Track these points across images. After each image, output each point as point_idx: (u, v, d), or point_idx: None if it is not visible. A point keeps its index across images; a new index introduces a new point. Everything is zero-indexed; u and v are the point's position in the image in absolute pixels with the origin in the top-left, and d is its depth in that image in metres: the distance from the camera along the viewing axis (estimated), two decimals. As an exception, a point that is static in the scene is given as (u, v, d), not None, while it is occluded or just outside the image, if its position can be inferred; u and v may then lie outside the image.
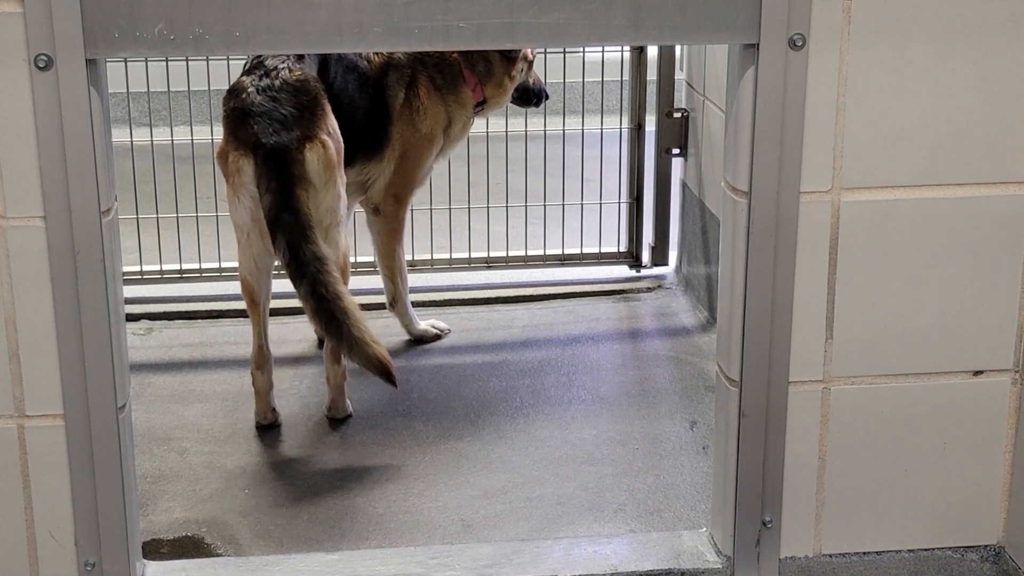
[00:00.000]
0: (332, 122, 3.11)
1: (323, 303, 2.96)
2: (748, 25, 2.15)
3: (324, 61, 3.31)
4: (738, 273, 2.29)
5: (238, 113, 3.04)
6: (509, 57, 3.67)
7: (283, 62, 3.10)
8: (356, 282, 3.91)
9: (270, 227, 2.97)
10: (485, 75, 3.67)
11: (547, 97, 3.89)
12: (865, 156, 2.24)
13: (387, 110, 3.51)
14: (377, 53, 3.49)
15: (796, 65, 2.18)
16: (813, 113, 2.21)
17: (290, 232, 2.94)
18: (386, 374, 3.03)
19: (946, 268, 2.32)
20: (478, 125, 4.07)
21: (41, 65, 2.05)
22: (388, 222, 3.65)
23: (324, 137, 3.03)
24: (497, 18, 2.11)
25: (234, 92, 3.10)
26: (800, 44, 2.16)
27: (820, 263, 2.29)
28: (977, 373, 2.39)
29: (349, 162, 3.38)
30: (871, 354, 2.35)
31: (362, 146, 3.47)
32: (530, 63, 3.79)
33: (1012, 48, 2.22)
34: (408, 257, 3.87)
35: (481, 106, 3.71)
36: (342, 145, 3.13)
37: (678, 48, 4.09)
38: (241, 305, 3.95)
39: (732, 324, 2.32)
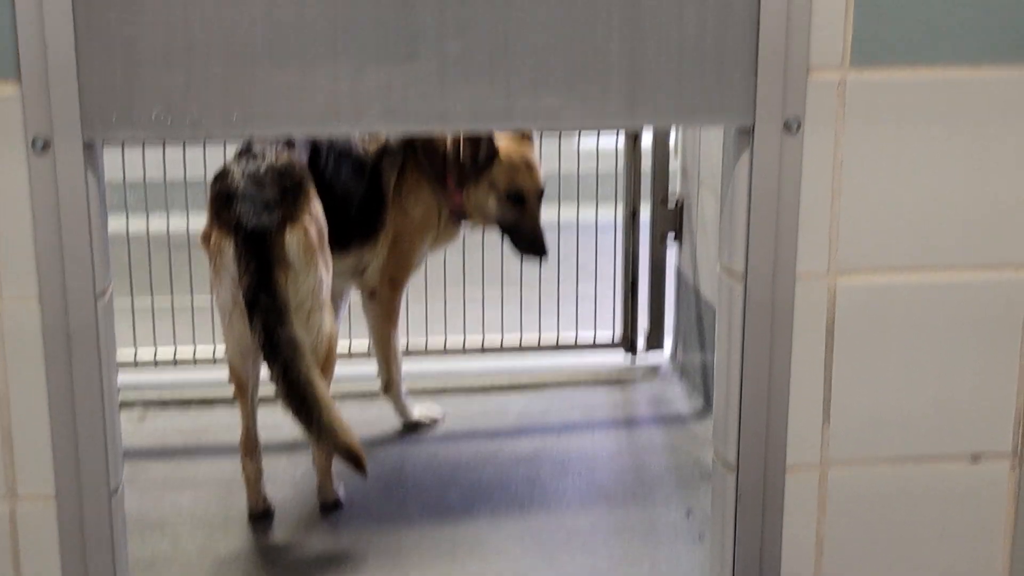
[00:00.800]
0: (316, 207, 3.12)
1: (294, 388, 2.95)
2: (743, 108, 2.17)
3: (316, 147, 3.33)
4: (734, 356, 2.28)
5: (223, 196, 3.07)
6: (476, 160, 3.54)
7: (270, 147, 3.13)
8: (351, 368, 3.91)
9: (248, 309, 2.97)
10: (460, 179, 3.58)
11: (545, 253, 3.66)
12: (861, 239, 2.25)
13: (382, 195, 3.53)
14: (373, 139, 3.52)
15: (791, 148, 2.19)
16: (809, 196, 2.22)
17: (267, 314, 2.94)
18: (356, 462, 3.00)
19: (943, 352, 2.31)
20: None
21: (38, 148, 2.06)
22: (383, 306, 3.65)
23: (305, 221, 3.05)
24: (494, 101, 2.13)
25: (220, 176, 3.13)
26: (795, 127, 2.18)
27: (817, 346, 2.28)
28: (975, 458, 2.38)
29: (345, 247, 3.39)
30: (868, 438, 2.33)
31: (358, 231, 3.49)
32: (522, 196, 3.59)
33: (1008, 132, 2.24)
34: (403, 344, 3.86)
35: (461, 214, 3.64)
36: (325, 230, 3.14)
37: (672, 136, 4.12)
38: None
39: (728, 407, 2.31)
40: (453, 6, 2.09)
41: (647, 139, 4.17)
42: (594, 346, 4.24)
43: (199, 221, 4.10)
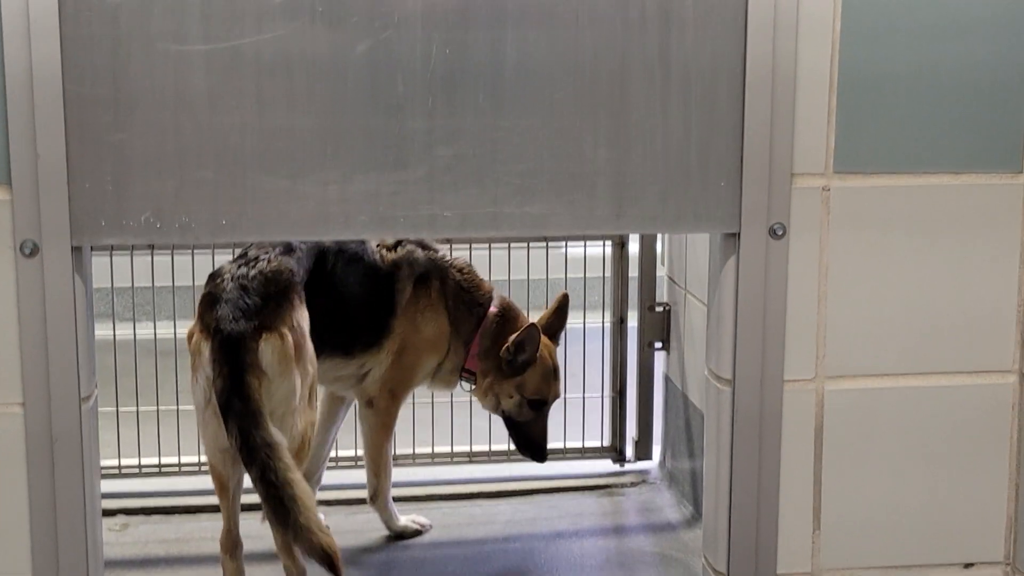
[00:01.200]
0: (299, 315, 3.12)
1: (271, 489, 2.93)
2: (729, 215, 2.19)
3: (323, 251, 3.34)
4: (723, 462, 2.27)
5: (209, 297, 3.08)
6: (514, 362, 3.49)
7: (266, 252, 3.14)
8: (338, 476, 3.87)
9: (222, 411, 2.97)
10: (486, 355, 3.57)
11: (544, 459, 3.62)
12: (848, 344, 2.25)
13: (392, 303, 3.52)
14: (390, 250, 3.50)
15: (777, 254, 2.20)
16: (795, 301, 2.22)
17: (241, 418, 2.93)
18: (330, 565, 2.97)
19: (933, 457, 2.31)
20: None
21: (27, 252, 2.06)
22: (380, 416, 3.63)
23: (283, 329, 3.05)
24: (481, 208, 2.14)
25: (212, 277, 3.14)
26: (780, 233, 2.19)
27: (806, 452, 2.27)
28: (968, 566, 2.36)
29: (348, 352, 3.39)
30: (859, 545, 2.32)
31: (362, 338, 3.48)
32: (544, 404, 3.53)
33: (989, 239, 2.26)
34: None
35: (468, 378, 3.61)
36: (306, 339, 3.13)
37: (659, 244, 4.14)
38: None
39: (718, 514, 2.29)
40: (442, 114, 2.11)
41: (634, 246, 4.18)
42: (582, 453, 4.21)
43: (186, 328, 4.11)
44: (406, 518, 3.77)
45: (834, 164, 2.20)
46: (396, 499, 3.79)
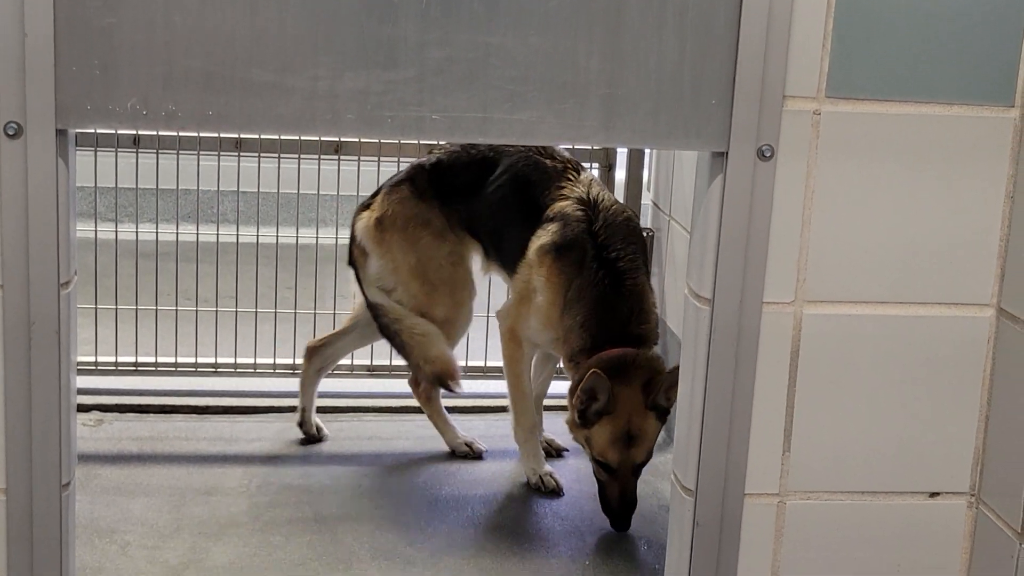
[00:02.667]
0: (404, 205, 3.61)
1: (387, 334, 3.63)
2: (718, 133, 2.18)
3: (494, 163, 3.62)
4: (698, 381, 2.28)
5: None
6: (584, 414, 3.28)
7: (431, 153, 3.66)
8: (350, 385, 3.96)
9: None
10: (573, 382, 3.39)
11: (623, 529, 3.32)
12: (829, 269, 2.26)
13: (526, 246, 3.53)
14: (562, 199, 3.47)
15: (764, 175, 2.20)
16: (779, 224, 2.22)
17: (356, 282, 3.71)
18: (443, 384, 3.60)
19: (906, 387, 2.32)
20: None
21: (10, 133, 2.04)
22: (505, 350, 3.60)
23: (373, 211, 3.62)
24: (470, 112, 2.13)
25: None
26: (769, 155, 2.19)
27: (780, 375, 2.29)
28: (933, 495, 2.38)
29: (508, 273, 3.59)
30: (828, 469, 2.33)
31: (507, 264, 3.61)
32: (611, 468, 3.30)
33: (978, 173, 2.26)
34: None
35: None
36: (398, 227, 3.59)
37: (646, 170, 4.14)
38: (194, 401, 3.92)
39: (690, 432, 2.30)
40: (436, 17, 2.09)
41: (621, 172, 4.18)
42: (559, 374, 4.22)
43: (169, 229, 4.10)
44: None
45: (827, 88, 2.19)
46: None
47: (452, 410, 3.83)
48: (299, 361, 3.83)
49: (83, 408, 3.82)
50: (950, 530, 2.39)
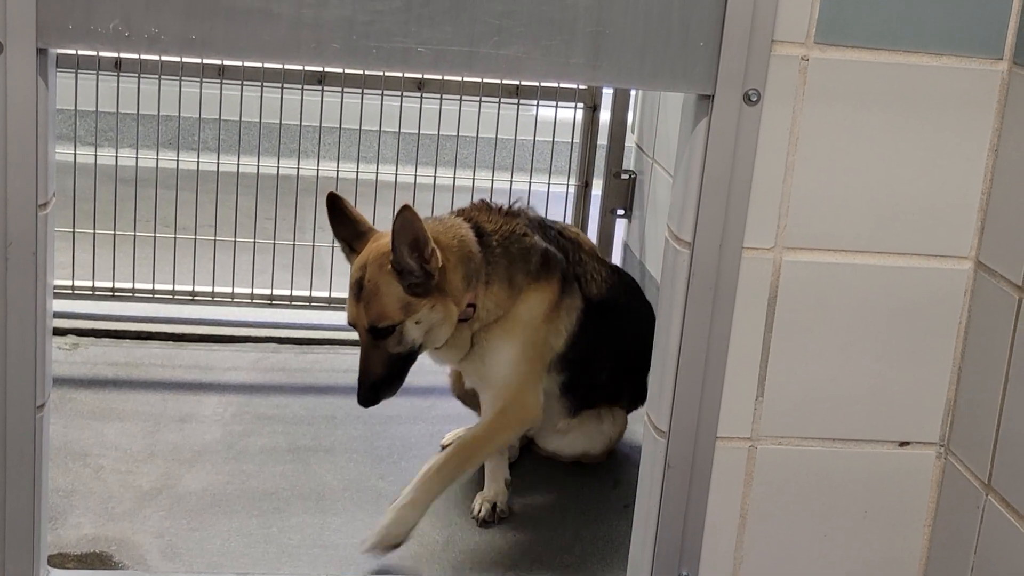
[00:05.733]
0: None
1: None
2: (705, 76, 2.17)
3: None
4: (674, 323, 2.28)
5: None
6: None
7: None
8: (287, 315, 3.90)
9: None
10: None
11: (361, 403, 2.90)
12: (810, 217, 2.26)
13: None
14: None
15: (749, 120, 2.19)
16: (762, 169, 2.22)
17: None
18: None
19: (881, 336, 2.33)
20: (427, 172, 4.07)
21: (-9, 50, 2.02)
22: None
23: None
24: (456, 46, 2.11)
25: None
26: (755, 100, 2.18)
27: (757, 320, 2.29)
28: (903, 444, 2.40)
29: None
30: (800, 415, 2.35)
31: None
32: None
33: (963, 125, 2.25)
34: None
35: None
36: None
37: (630, 112, 4.12)
38: (170, 329, 3.92)
39: (664, 374, 2.31)
40: (424, -54, 2.07)
41: (605, 113, 4.16)
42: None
43: (149, 155, 4.08)
44: None
45: (815, 34, 2.18)
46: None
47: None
48: (278, 292, 3.82)
49: (59, 332, 3.81)
50: (918, 479, 2.41)
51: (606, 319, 3.12)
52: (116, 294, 3.95)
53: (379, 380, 2.84)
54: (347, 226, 2.95)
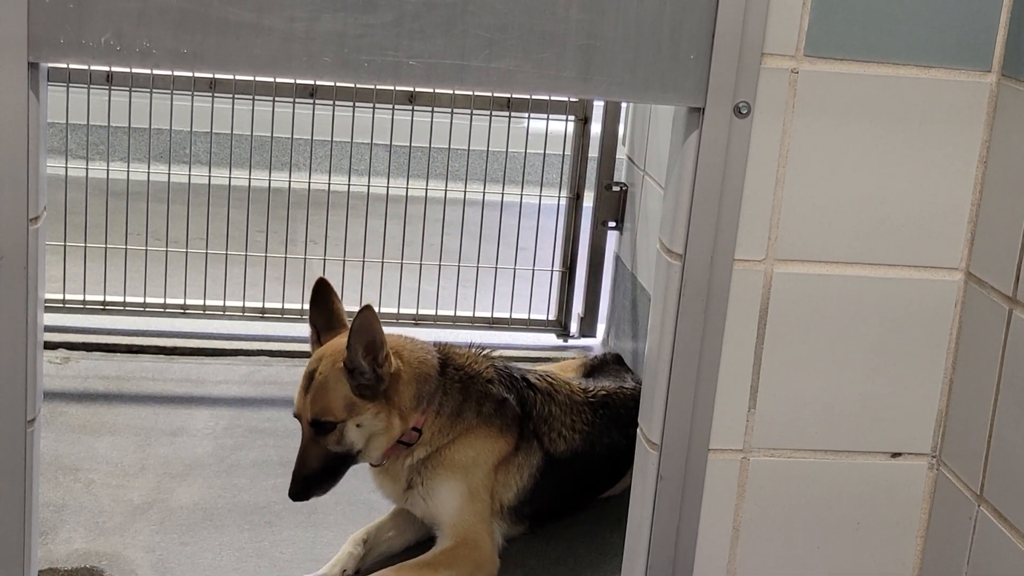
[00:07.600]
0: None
1: None
2: (695, 89, 2.17)
3: None
4: (667, 335, 2.29)
5: None
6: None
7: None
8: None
9: None
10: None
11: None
12: (801, 229, 2.26)
13: None
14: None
15: (739, 132, 2.20)
16: (753, 181, 2.23)
17: None
18: None
19: (872, 347, 2.34)
20: (419, 184, 4.08)
21: (-19, 64, 2.02)
22: None
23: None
24: (448, 59, 2.12)
25: None
26: (745, 112, 2.18)
27: (749, 332, 2.30)
28: (895, 455, 2.40)
29: None
30: (792, 427, 2.35)
31: None
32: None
33: (952, 137, 2.26)
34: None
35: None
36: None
37: (621, 124, 4.13)
38: (161, 342, 3.91)
39: (657, 386, 2.31)
40: (415, -39, 2.08)
41: (596, 126, 4.17)
42: (527, 325, 4.24)
43: (140, 168, 4.08)
44: None
45: (805, 47, 2.19)
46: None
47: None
48: (269, 305, 3.81)
49: (50, 345, 3.80)
50: (910, 490, 2.42)
51: (575, 468, 3.06)
52: (107, 308, 3.95)
53: (312, 476, 2.79)
54: (324, 315, 2.95)
